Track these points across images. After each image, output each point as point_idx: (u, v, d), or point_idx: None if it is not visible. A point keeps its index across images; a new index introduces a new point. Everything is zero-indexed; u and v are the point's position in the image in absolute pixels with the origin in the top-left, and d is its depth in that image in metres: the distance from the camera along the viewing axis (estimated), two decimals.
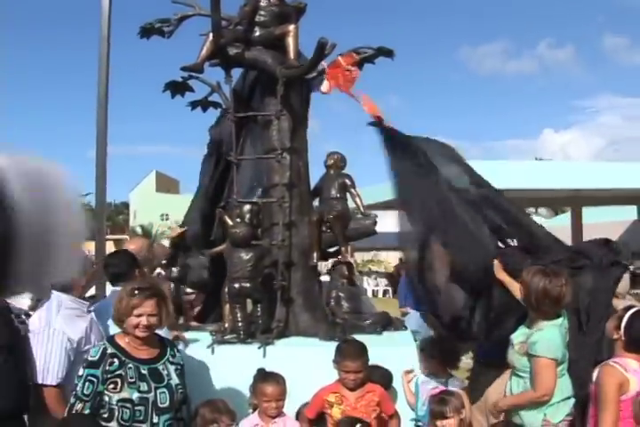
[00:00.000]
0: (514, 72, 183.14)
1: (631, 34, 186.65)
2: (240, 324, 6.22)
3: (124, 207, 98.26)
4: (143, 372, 4.52)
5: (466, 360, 6.88)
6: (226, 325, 6.51)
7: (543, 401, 5.09)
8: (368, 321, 6.89)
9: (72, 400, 4.40)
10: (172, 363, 4.70)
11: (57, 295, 4.99)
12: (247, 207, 6.97)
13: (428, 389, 5.51)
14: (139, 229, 71.99)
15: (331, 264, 7.63)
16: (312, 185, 7.29)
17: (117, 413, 4.39)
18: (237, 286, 6.20)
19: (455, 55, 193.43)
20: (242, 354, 5.93)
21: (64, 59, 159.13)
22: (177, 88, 7.47)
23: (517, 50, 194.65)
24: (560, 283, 5.15)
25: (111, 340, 4.61)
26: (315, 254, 6.95)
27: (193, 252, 7.49)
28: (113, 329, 4.90)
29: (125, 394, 4.41)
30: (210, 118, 7.73)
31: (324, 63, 6.56)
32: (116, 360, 4.47)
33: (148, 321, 4.53)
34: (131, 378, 4.45)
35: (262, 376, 5.06)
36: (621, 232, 32.58)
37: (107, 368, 4.42)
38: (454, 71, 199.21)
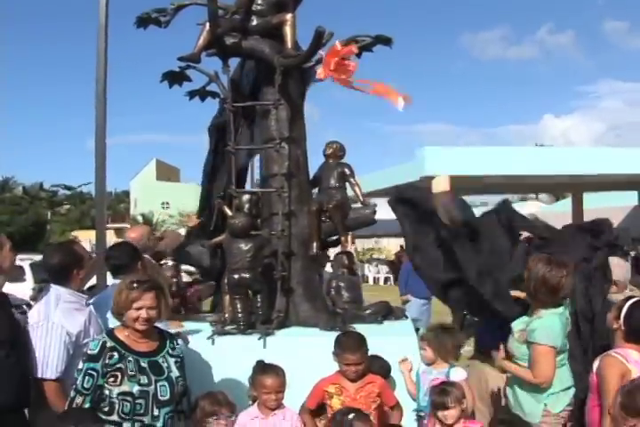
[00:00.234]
0: (514, 58, 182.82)
1: (631, 18, 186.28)
2: (240, 314, 6.21)
3: (125, 196, 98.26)
4: (143, 365, 4.50)
5: (467, 348, 6.87)
6: (226, 315, 6.50)
7: (542, 387, 5.09)
8: (368, 311, 6.90)
9: (72, 394, 4.39)
10: (172, 355, 4.69)
11: (55, 289, 4.97)
12: (246, 197, 6.94)
13: (430, 379, 5.50)
14: (139, 217, 72.03)
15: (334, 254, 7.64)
16: (311, 174, 7.27)
17: (118, 406, 4.37)
18: (237, 277, 6.18)
19: (456, 42, 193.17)
20: (242, 345, 5.91)
21: (62, 49, 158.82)
22: (174, 78, 7.45)
23: (518, 36, 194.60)
24: (561, 274, 5.14)
25: (110, 333, 4.59)
26: (314, 244, 6.92)
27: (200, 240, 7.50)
28: (112, 322, 4.89)
29: (126, 387, 4.40)
30: (210, 106, 7.73)
31: (322, 52, 6.52)
32: (116, 354, 4.45)
33: (148, 314, 4.51)
34: (131, 371, 4.43)
35: (261, 368, 5.03)
36: (622, 218, 32.55)
37: (106, 362, 4.40)
38: (455, 58, 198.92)
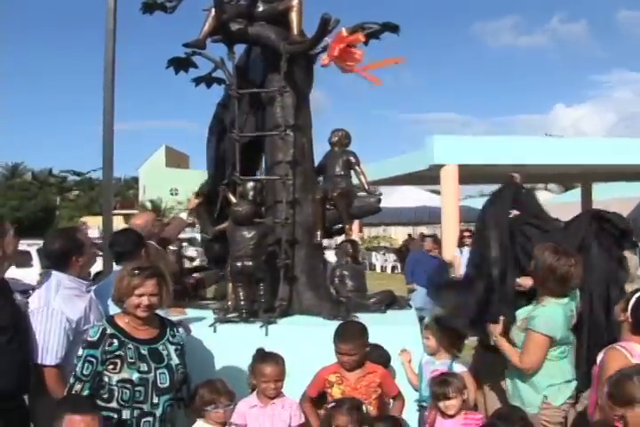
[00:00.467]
0: (526, 47, 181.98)
1: None
2: (242, 302, 6.20)
3: (134, 182, 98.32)
4: (143, 352, 4.48)
5: (472, 338, 6.82)
6: (229, 303, 6.49)
7: (528, 373, 5.08)
8: (372, 300, 6.88)
9: (71, 381, 4.37)
10: (172, 343, 4.66)
11: (56, 275, 4.94)
12: (250, 185, 6.91)
13: (432, 369, 5.47)
14: (148, 203, 72.17)
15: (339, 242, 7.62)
16: (317, 162, 7.24)
17: (117, 393, 4.35)
18: (240, 265, 6.17)
19: (468, 30, 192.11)
20: (244, 333, 5.91)
21: (72, 34, 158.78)
22: (180, 64, 7.43)
23: (530, 24, 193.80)
24: (569, 263, 5.08)
25: (110, 320, 4.57)
26: (319, 232, 6.90)
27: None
28: (113, 309, 4.86)
29: (125, 375, 4.38)
30: (219, 93, 7.70)
31: (328, 39, 6.47)
32: (116, 341, 4.42)
33: (150, 301, 4.49)
34: (130, 358, 4.41)
35: (261, 356, 5.00)
36: (632, 208, 32.49)
37: (106, 349, 4.38)
38: (466, 46, 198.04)
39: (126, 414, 4.37)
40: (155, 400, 4.44)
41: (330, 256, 8.68)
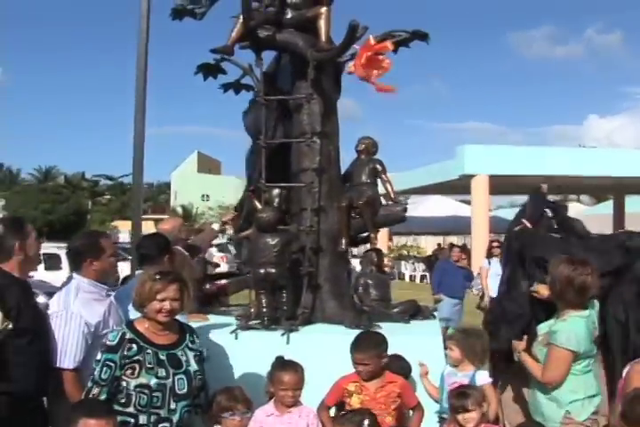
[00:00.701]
0: (560, 57, 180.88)
1: None
2: (265, 310, 6.17)
3: (166, 187, 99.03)
4: (162, 358, 4.47)
5: None
6: (252, 310, 6.47)
7: (550, 388, 5.00)
8: (396, 309, 6.82)
9: (89, 385, 4.37)
10: (192, 349, 4.65)
11: (77, 279, 4.96)
12: (276, 192, 6.90)
13: (453, 381, 5.40)
14: (179, 209, 72.68)
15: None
16: (343, 170, 7.20)
17: (135, 398, 4.35)
18: (262, 272, 6.14)
19: (502, 40, 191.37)
20: (265, 340, 5.87)
21: (105, 38, 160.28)
22: (209, 70, 7.44)
23: (564, 35, 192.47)
24: (586, 272, 5.01)
25: (130, 325, 4.57)
26: (343, 241, 6.85)
27: None
28: (134, 314, 4.86)
29: (143, 380, 4.37)
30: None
31: (357, 46, 6.44)
32: (135, 346, 4.42)
33: (171, 306, 4.48)
34: (149, 364, 4.40)
35: (280, 364, 4.95)
36: None
37: (125, 353, 4.38)
38: (500, 56, 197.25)
39: (143, 419, 4.37)
40: (172, 406, 4.43)
41: (358, 265, 8.65)
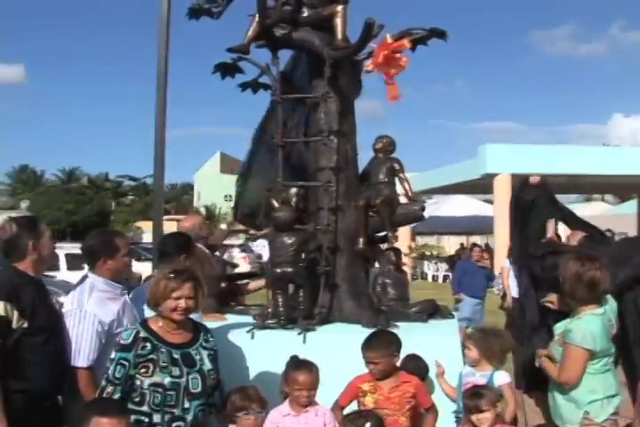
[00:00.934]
0: (584, 55, 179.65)
1: None
2: (281, 309, 6.16)
3: (190, 188, 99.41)
4: (175, 356, 4.46)
5: None
6: (269, 309, 6.45)
7: (568, 388, 4.95)
8: (414, 309, 6.78)
9: (103, 383, 4.38)
10: (205, 348, 4.64)
11: (91, 277, 4.97)
12: (293, 191, 6.87)
13: (471, 381, 5.35)
14: (202, 209, 72.93)
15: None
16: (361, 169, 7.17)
17: (149, 397, 4.35)
18: (279, 271, 6.13)
19: (525, 39, 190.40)
20: (282, 340, 5.85)
21: (129, 39, 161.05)
22: (227, 69, 7.40)
23: (588, 33, 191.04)
24: (594, 267, 4.94)
25: (144, 323, 4.57)
26: (361, 240, 6.81)
27: None
28: (149, 313, 4.85)
29: (157, 378, 4.37)
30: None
31: (374, 45, 6.41)
32: (149, 344, 4.42)
33: (186, 304, 4.48)
34: (163, 362, 4.40)
35: (295, 364, 4.92)
36: None
37: (139, 352, 4.38)
38: (523, 54, 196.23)
39: (157, 418, 4.36)
40: (186, 405, 4.42)
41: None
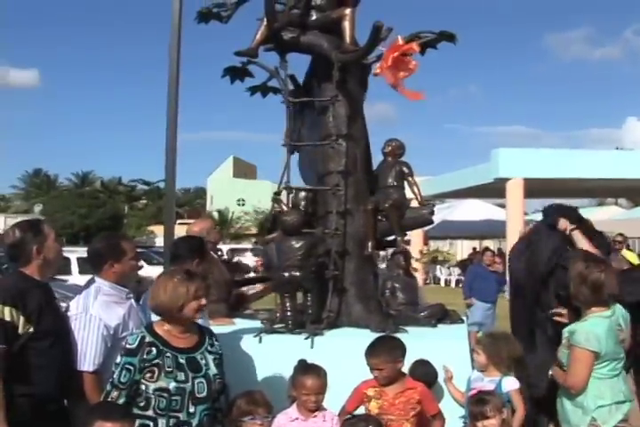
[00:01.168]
0: (598, 59, 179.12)
1: None
2: (289, 313, 6.13)
3: (203, 192, 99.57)
4: (181, 361, 4.43)
5: None
6: (277, 314, 6.43)
7: (574, 393, 4.89)
8: (423, 313, 6.74)
9: (108, 388, 4.35)
10: (211, 352, 4.60)
11: (97, 281, 4.95)
12: (302, 194, 6.85)
13: (480, 386, 5.30)
14: (215, 213, 73.02)
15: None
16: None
17: (154, 402, 4.32)
18: (287, 275, 6.11)
19: (538, 42, 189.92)
20: (289, 344, 5.83)
21: (142, 43, 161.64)
22: (236, 73, 7.41)
23: (602, 36, 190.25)
24: (599, 269, 4.90)
25: (149, 328, 4.53)
26: (370, 244, 6.78)
27: None
28: (156, 316, 4.82)
29: (162, 383, 4.33)
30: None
31: (383, 48, 6.39)
32: (154, 349, 4.39)
33: (204, 301, 4.52)
34: (168, 367, 4.36)
35: (303, 368, 4.89)
36: None
37: (144, 357, 4.35)
38: (537, 58, 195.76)
39: (162, 422, 4.33)
40: (191, 410, 4.38)
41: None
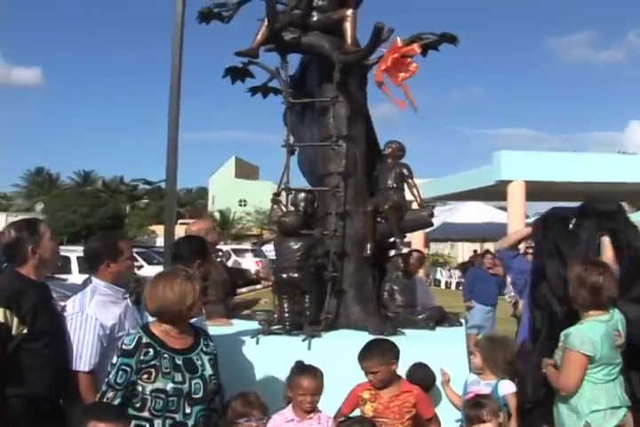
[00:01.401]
0: (601, 62, 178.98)
1: None
2: (287, 315, 6.12)
3: (205, 192, 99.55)
4: (178, 362, 4.40)
5: None
6: (275, 315, 6.41)
7: (566, 395, 4.86)
8: (421, 316, 6.72)
9: (104, 388, 4.32)
10: (206, 353, 4.58)
11: (94, 281, 4.93)
12: (302, 195, 6.84)
13: (475, 389, 5.29)
14: (217, 214, 72.99)
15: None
16: None
17: (150, 403, 4.29)
18: (285, 276, 6.10)
19: (541, 45, 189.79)
20: (286, 345, 5.83)
21: (144, 45, 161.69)
22: (237, 74, 7.41)
23: (605, 39, 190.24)
24: (597, 272, 4.87)
25: (146, 328, 4.50)
26: (369, 246, 6.77)
27: None
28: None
29: (159, 384, 4.30)
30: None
31: (384, 49, 6.38)
32: (151, 350, 4.35)
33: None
34: (165, 369, 4.33)
35: (299, 369, 4.88)
36: None
37: (141, 358, 4.31)
38: (539, 61, 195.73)
39: (158, 423, 4.29)
40: (187, 410, 4.35)
41: None
